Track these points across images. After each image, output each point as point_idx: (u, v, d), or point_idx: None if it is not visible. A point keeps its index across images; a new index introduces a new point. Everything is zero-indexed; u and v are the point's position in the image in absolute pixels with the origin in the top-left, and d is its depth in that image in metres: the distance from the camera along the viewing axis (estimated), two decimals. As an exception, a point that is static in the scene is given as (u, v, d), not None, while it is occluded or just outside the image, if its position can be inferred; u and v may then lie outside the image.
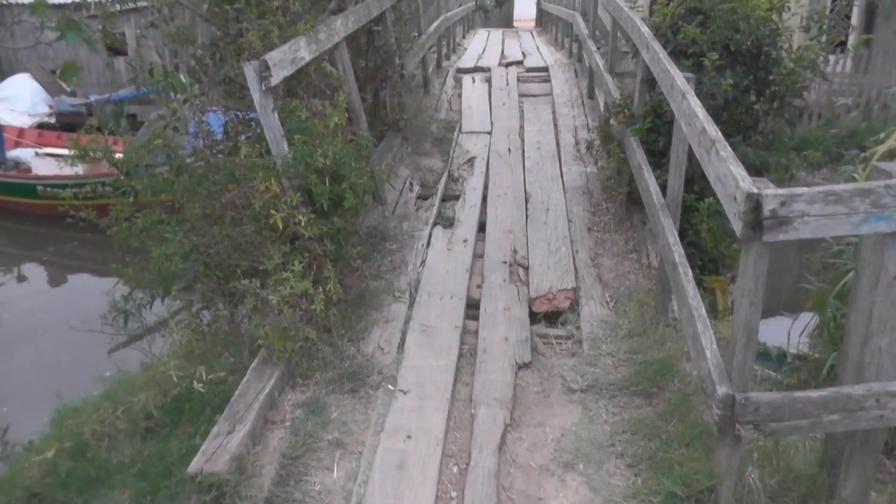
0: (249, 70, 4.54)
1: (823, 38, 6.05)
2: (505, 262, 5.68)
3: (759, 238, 2.76)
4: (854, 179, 6.70)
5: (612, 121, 6.46)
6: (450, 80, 10.66)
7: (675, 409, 3.95)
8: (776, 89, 5.78)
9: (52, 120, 16.68)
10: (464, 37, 16.54)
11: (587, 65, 9.80)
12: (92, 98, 17.07)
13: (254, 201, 4.48)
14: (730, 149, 3.17)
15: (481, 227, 6.35)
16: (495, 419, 4.00)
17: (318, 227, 4.53)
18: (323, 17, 6.16)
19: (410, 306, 5.11)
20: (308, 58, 5.26)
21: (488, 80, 10.53)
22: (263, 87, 4.57)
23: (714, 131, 3.36)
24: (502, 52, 13.72)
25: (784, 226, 2.71)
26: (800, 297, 5.21)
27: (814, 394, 2.99)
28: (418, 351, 4.62)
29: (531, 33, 17.87)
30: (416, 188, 7.07)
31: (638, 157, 5.39)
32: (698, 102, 3.77)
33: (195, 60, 6.08)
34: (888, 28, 13.54)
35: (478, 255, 5.89)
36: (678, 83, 4.12)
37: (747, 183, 2.79)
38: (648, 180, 4.99)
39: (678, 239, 4.20)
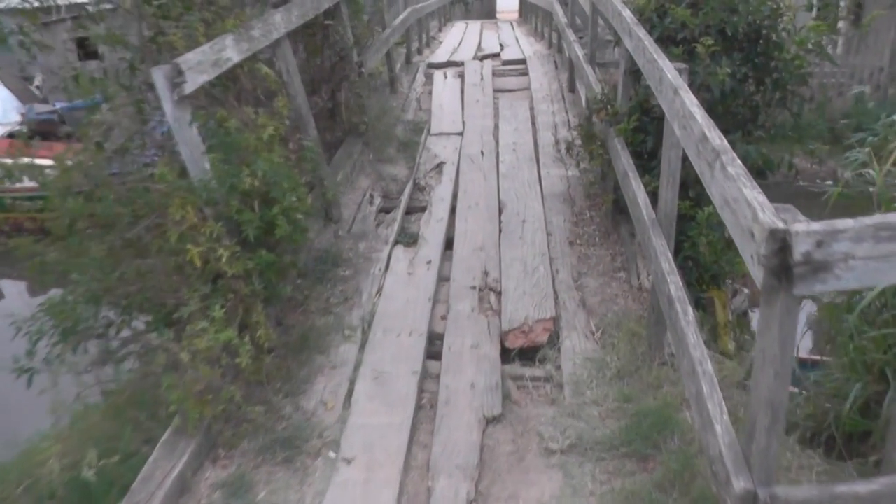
0: (158, 76, 3.78)
1: (829, 18, 5.30)
2: (474, 287, 4.93)
3: (786, 290, 2.02)
4: (865, 166, 6.03)
5: (594, 118, 5.71)
6: (420, 77, 9.89)
7: (675, 476, 3.22)
8: (778, 77, 5.04)
9: (25, 128, 15.89)
10: (440, 30, 15.75)
11: (567, 56, 9.05)
12: (58, 105, 16.29)
13: (168, 233, 3.72)
14: (739, 163, 2.43)
15: (449, 245, 5.60)
16: (457, 494, 3.27)
17: (243, 264, 3.78)
18: (257, 11, 5.38)
19: (362, 347, 4.36)
20: (237, 59, 4.49)
21: (461, 76, 9.76)
22: (176, 96, 3.80)
23: (718, 139, 2.61)
24: (479, 44, 12.96)
25: (821, 273, 1.98)
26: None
27: (861, 487, 2.26)
28: (368, 404, 3.87)
29: (511, 24, 17.10)
30: (378, 200, 6.31)
31: (623, 161, 4.64)
32: (694, 100, 3.02)
33: (129, 64, 5.31)
34: (878, 8, 12.87)
35: (443, 279, 5.15)
36: (668, 76, 3.37)
37: (769, 214, 2.05)
38: (636, 190, 4.24)
39: (674, 266, 3.45)
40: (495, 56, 10.99)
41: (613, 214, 5.49)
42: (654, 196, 4.25)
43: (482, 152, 7.19)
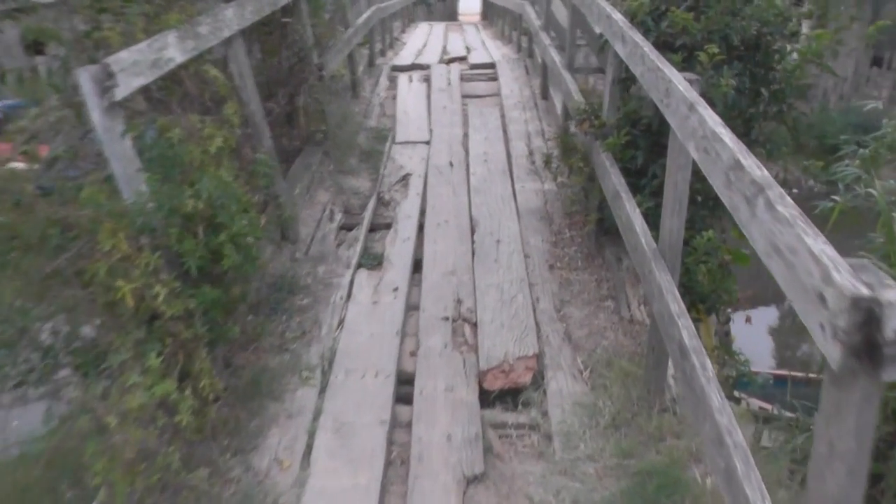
0: (84, 78, 3.21)
1: (829, 26, 4.90)
2: (446, 318, 4.44)
3: (870, 373, 1.57)
4: (858, 180, 5.71)
5: (573, 129, 5.27)
6: (383, 81, 9.36)
7: (690, 556, 2.76)
8: (777, 88, 4.63)
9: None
10: (403, 31, 15.22)
11: (540, 60, 8.60)
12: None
13: (97, 266, 3.17)
14: (791, 201, 1.97)
15: (417, 267, 5.09)
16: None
17: (184, 302, 3.24)
18: (206, 6, 4.83)
19: (322, 391, 3.84)
20: (180, 59, 3.94)
21: (427, 80, 9.25)
22: (106, 102, 3.25)
23: (757, 168, 2.15)
24: (444, 47, 12.46)
25: (921, 355, 1.54)
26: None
27: None
28: (330, 462, 3.36)
29: (476, 27, 16.64)
30: (339, 216, 5.78)
31: (613, 180, 4.18)
32: (717, 118, 2.56)
33: (61, 62, 4.72)
34: (845, 16, 12.66)
35: (412, 307, 4.64)
36: (679, 89, 2.91)
37: (847, 276, 1.59)
38: (631, 215, 3.78)
39: (684, 307, 2.99)
40: (462, 59, 10.51)
41: (597, 235, 5.04)
42: (645, 217, 3.82)
43: (451, 163, 6.70)
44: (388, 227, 5.69)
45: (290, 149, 6.44)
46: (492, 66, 9.93)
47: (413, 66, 10.00)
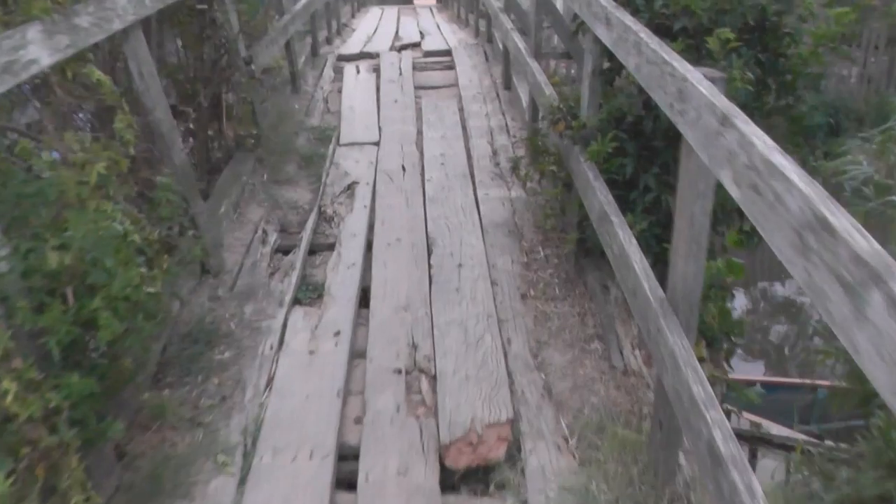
0: None
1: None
2: (399, 371, 3.63)
3: None
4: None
5: (545, 129, 4.48)
6: (328, 72, 8.45)
7: None
8: (786, 78, 3.87)
9: None
10: (353, 16, 14.26)
11: (501, 46, 7.78)
12: None
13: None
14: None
15: (364, 300, 4.28)
16: None
17: (43, 400, 2.39)
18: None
19: (243, 480, 3.02)
20: (48, 60, 3.07)
21: (376, 70, 8.37)
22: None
23: (863, 239, 1.36)
24: (397, 32, 11.56)
25: None
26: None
27: None
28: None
29: (431, 10, 15.71)
30: (273, 237, 4.93)
31: (600, 198, 3.40)
32: (771, 142, 1.77)
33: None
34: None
35: (357, 354, 3.83)
36: (702, 93, 2.11)
37: None
38: (626, 247, 3.00)
39: (710, 390, 2.21)
40: (415, 46, 9.61)
41: (577, 258, 4.25)
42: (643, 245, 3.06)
43: (403, 167, 5.86)
44: (330, 247, 4.86)
45: (217, 158, 5.57)
46: (448, 52, 9.07)
47: (361, 55, 9.11)
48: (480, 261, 4.49)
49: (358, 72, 8.35)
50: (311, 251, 4.88)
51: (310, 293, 4.35)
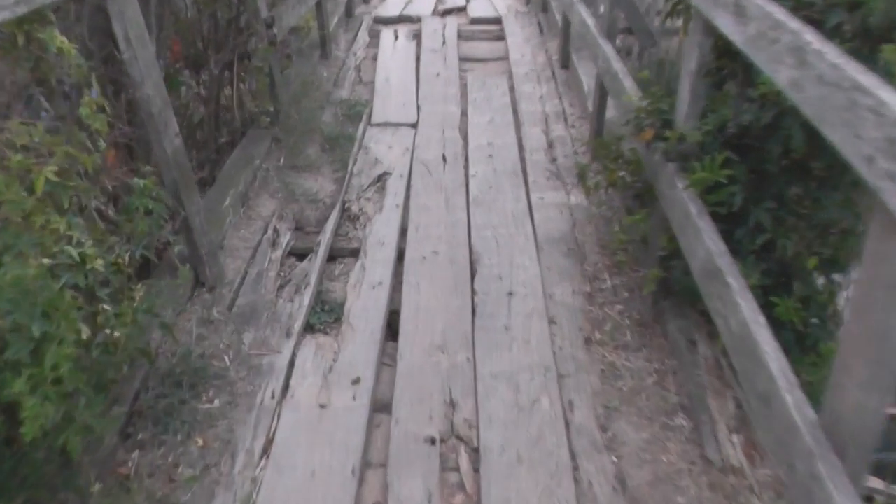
0: None
1: None
2: (432, 440, 2.85)
3: None
4: None
5: (627, 135, 3.64)
6: (363, 36, 7.57)
7: None
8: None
9: None
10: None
11: (559, 17, 6.86)
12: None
13: None
14: None
15: (390, 329, 3.50)
16: None
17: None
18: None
19: None
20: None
21: (417, 36, 7.48)
22: None
23: None
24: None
25: None
26: None
27: None
28: None
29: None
30: (286, 237, 4.15)
31: (707, 243, 2.56)
32: None
33: None
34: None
35: (380, 407, 3.07)
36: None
37: None
38: (751, 324, 2.18)
39: None
40: (460, 11, 8.67)
41: (656, 297, 3.42)
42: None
43: (444, 157, 5.03)
44: (354, 254, 4.08)
45: (227, 140, 4.79)
46: (497, 20, 8.14)
47: (400, 19, 8.20)
48: (535, 289, 3.68)
49: (396, 38, 7.47)
50: (331, 257, 4.10)
51: (325, 316, 3.58)
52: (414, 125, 5.50)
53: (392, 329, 3.54)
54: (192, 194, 3.50)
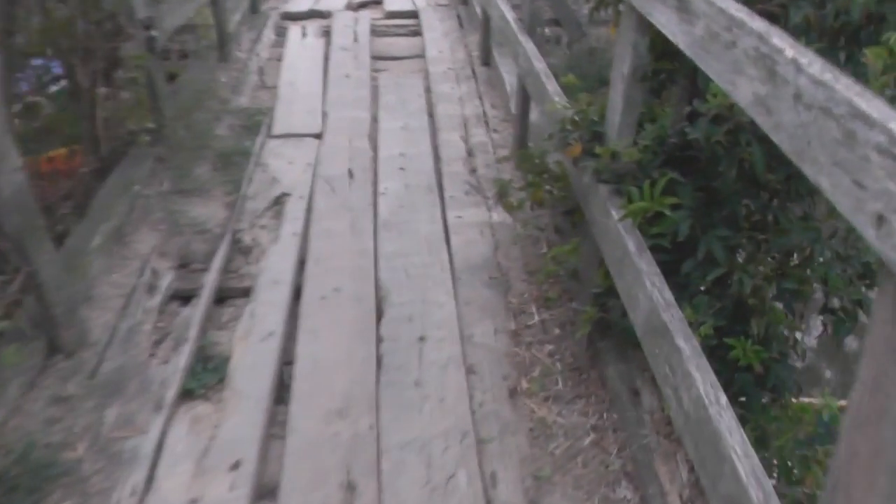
0: None
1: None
2: (326, 541, 2.33)
3: None
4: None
5: (550, 147, 3.16)
6: (268, 34, 6.94)
7: None
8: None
9: None
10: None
11: (479, 12, 6.36)
12: None
13: None
14: None
15: (280, 397, 2.96)
16: None
17: None
18: None
19: None
20: None
21: (327, 34, 6.89)
22: None
23: None
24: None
25: None
26: None
27: None
28: None
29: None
30: (167, 280, 3.56)
31: (648, 288, 2.10)
32: None
33: None
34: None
35: (265, 495, 2.53)
36: None
37: None
38: (710, 408, 1.72)
39: None
40: (376, 5, 8.09)
41: (593, 338, 2.95)
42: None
43: (351, 172, 4.49)
44: (245, 293, 3.51)
45: (104, 163, 4.19)
46: (414, 14, 7.59)
47: (310, 14, 7.58)
48: (451, 331, 3.18)
49: (304, 35, 6.87)
50: (220, 299, 3.54)
51: (207, 377, 3.02)
52: (318, 135, 4.94)
53: (281, 395, 2.99)
54: (41, 242, 2.89)
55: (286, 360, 3.11)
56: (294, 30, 7.04)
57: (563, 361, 3.04)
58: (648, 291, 2.08)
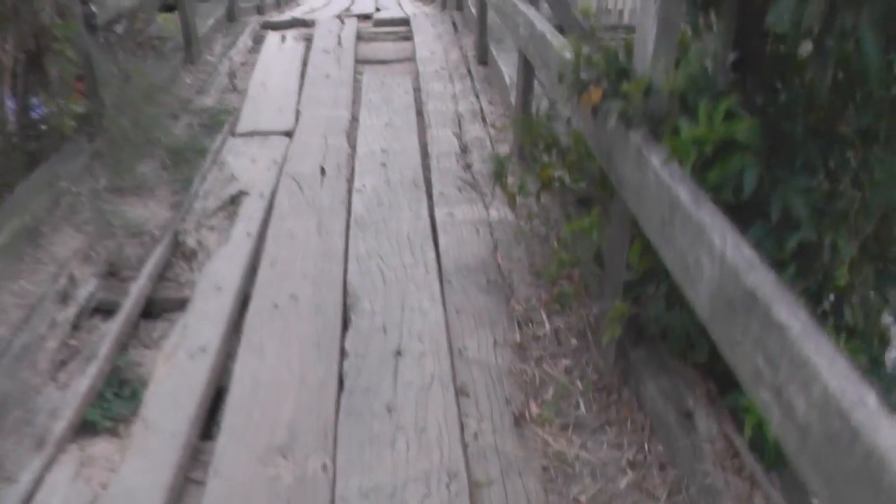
0: None
1: None
2: None
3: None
4: None
5: (559, 104, 2.49)
6: (244, 41, 6.31)
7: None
8: None
9: None
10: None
11: (473, 11, 5.74)
12: None
13: None
14: None
15: (208, 432, 2.22)
16: None
17: None
18: None
19: None
20: None
21: (308, 39, 6.26)
22: None
23: None
24: (349, 7, 9.28)
25: None
26: None
27: None
28: None
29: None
30: (88, 288, 2.85)
31: (721, 245, 1.37)
32: None
33: None
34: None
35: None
36: None
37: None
38: (847, 400, 0.97)
39: None
40: (367, 18, 7.47)
41: (623, 347, 2.22)
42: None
43: (323, 169, 3.80)
44: (183, 306, 2.80)
45: (27, 154, 3.53)
46: (404, 21, 6.98)
47: (293, 23, 6.97)
48: (437, 343, 2.45)
49: (283, 40, 6.23)
50: (152, 312, 2.83)
51: (119, 406, 2.31)
52: (289, 133, 4.26)
53: (208, 431, 2.26)
54: None
55: (221, 384, 2.39)
56: (273, 36, 6.42)
57: (584, 379, 2.31)
58: (718, 251, 1.37)
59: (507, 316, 2.63)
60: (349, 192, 3.56)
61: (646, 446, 2.03)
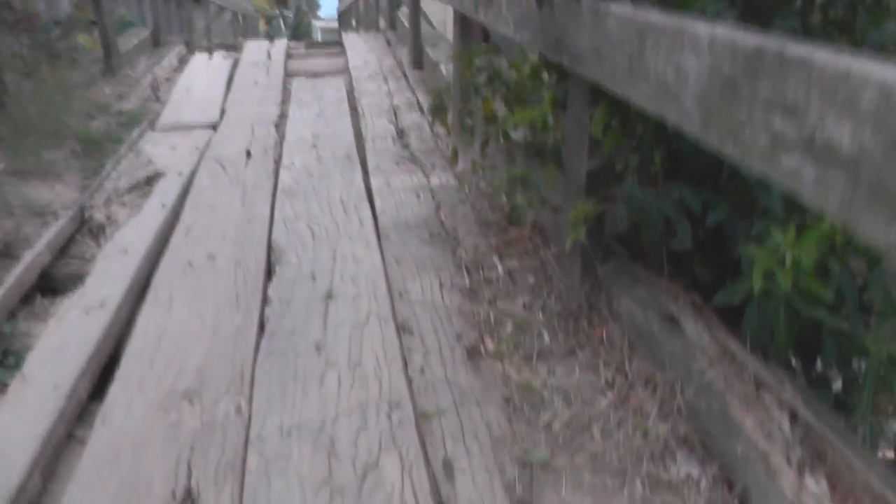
0: None
1: None
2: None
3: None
4: None
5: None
6: (170, 60, 5.97)
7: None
8: None
9: None
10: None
11: (405, 23, 5.57)
12: None
13: None
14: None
15: (103, 389, 1.84)
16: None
17: None
18: None
19: None
20: None
21: (237, 58, 5.97)
22: None
23: None
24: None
25: None
26: None
27: None
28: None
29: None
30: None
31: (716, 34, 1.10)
32: None
33: None
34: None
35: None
36: None
37: None
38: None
39: None
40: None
41: (585, 269, 1.92)
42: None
43: (248, 152, 3.48)
44: (81, 280, 2.42)
45: None
46: (337, 43, 6.77)
47: (220, 45, 6.70)
48: (373, 286, 2.13)
49: (210, 58, 5.95)
50: (51, 288, 2.45)
51: (2, 374, 1.92)
52: (214, 126, 3.96)
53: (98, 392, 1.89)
54: None
55: (118, 343, 2.02)
56: (200, 55, 6.13)
57: (545, 311, 2.01)
58: (706, 38, 1.11)
59: (455, 264, 2.33)
60: (276, 170, 3.24)
61: (626, 365, 1.72)
